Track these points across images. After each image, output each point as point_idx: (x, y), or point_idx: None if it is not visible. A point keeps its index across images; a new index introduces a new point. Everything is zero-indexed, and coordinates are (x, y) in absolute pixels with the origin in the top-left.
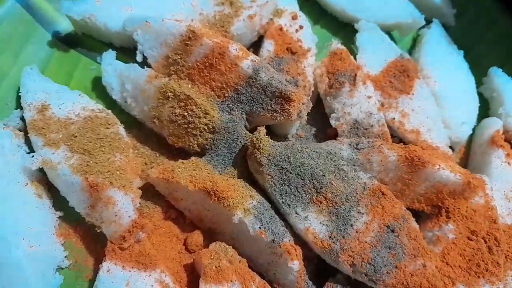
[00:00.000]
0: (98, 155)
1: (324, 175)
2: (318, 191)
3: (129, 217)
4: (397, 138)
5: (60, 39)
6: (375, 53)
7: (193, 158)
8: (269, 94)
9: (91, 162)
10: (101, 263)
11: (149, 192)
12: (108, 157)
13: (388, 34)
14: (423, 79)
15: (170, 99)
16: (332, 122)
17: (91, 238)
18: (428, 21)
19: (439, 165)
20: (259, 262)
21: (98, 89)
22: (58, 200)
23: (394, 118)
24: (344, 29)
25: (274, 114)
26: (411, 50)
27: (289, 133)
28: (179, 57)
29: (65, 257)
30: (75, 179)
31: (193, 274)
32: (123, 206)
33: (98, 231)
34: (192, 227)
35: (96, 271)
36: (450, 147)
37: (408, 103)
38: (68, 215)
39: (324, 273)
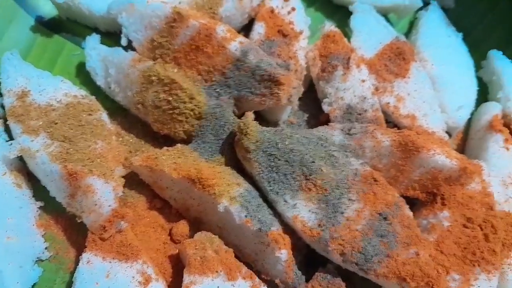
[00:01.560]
0: (78, 142)
1: (313, 162)
2: (307, 178)
3: (109, 206)
4: (392, 123)
5: (43, 24)
6: (370, 36)
7: (178, 145)
8: (258, 78)
9: (71, 149)
10: (81, 254)
11: (134, 181)
12: (89, 145)
13: (384, 17)
14: (420, 62)
15: (154, 84)
16: (325, 107)
17: (73, 229)
18: (426, 3)
19: (434, 150)
20: (246, 252)
21: (83, 75)
22: (38, 190)
23: (389, 103)
24: (338, 11)
25: (263, 98)
26: (408, 33)
27: (280, 119)
28: (164, 40)
29: (46, 248)
30: (54, 167)
31: (178, 265)
32: (103, 195)
33: (79, 221)
34: (177, 217)
35: (77, 262)
36: (447, 132)
37: (404, 87)
38: (49, 206)
39: (314, 262)
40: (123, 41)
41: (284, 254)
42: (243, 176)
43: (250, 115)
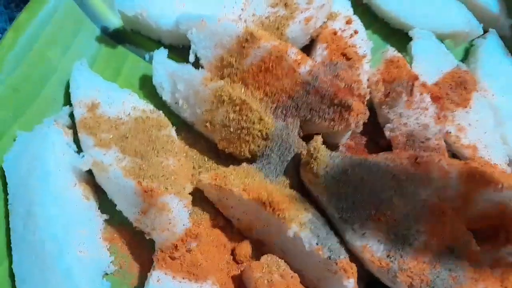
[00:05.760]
0: (150, 158)
1: (383, 191)
2: (377, 207)
3: (183, 225)
4: (451, 152)
5: (108, 35)
6: (431, 63)
7: (244, 164)
8: (327, 102)
9: (143, 165)
10: (149, 271)
11: (197, 198)
12: (161, 161)
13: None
14: (481, 92)
15: (225, 103)
16: (387, 133)
17: (137, 244)
18: (483, 31)
19: (502, 185)
20: (308, 278)
21: (146, 88)
22: (103, 202)
23: (450, 132)
24: (395, 35)
25: (332, 123)
26: (463, 60)
27: (340, 143)
28: (233, 60)
29: (111, 262)
30: (127, 183)
31: (240, 286)
32: (178, 214)
33: (148, 238)
34: (239, 236)
35: (141, 278)
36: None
37: (465, 116)
38: (114, 219)
39: None
40: (191, 58)
41: (351, 283)
42: (307, 200)
43: (319, 139)
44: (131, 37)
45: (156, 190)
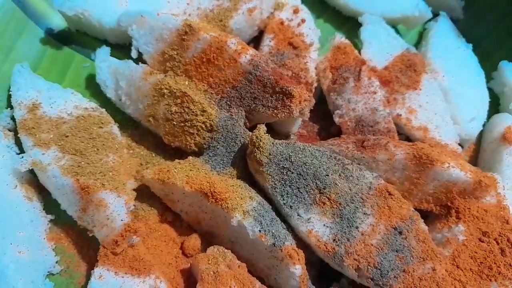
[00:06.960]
0: (90, 156)
1: (327, 175)
2: (321, 191)
3: (121, 220)
4: (404, 135)
5: (53, 36)
6: (380, 47)
7: (190, 158)
8: (269, 90)
9: (82, 163)
10: (93, 269)
11: (144, 194)
12: (100, 158)
13: (393, 28)
14: (431, 74)
15: (165, 97)
16: (336, 119)
17: (84, 242)
18: (435, 14)
19: (449, 164)
20: (259, 267)
21: (92, 87)
22: (49, 203)
23: (400, 115)
24: (347, 23)
25: (275, 111)
26: (417, 44)
27: (291, 131)
28: (175, 53)
29: (56, 262)
30: (65, 181)
31: (190, 279)
32: (115, 209)
33: (90, 235)
34: (189, 230)
35: (88, 276)
36: (459, 144)
37: (416, 98)
38: (60, 218)
39: (327, 277)
40: (133, 54)
41: (298, 269)
42: (255, 189)
43: (262, 128)
44: (77, 38)
45: (92, 187)
